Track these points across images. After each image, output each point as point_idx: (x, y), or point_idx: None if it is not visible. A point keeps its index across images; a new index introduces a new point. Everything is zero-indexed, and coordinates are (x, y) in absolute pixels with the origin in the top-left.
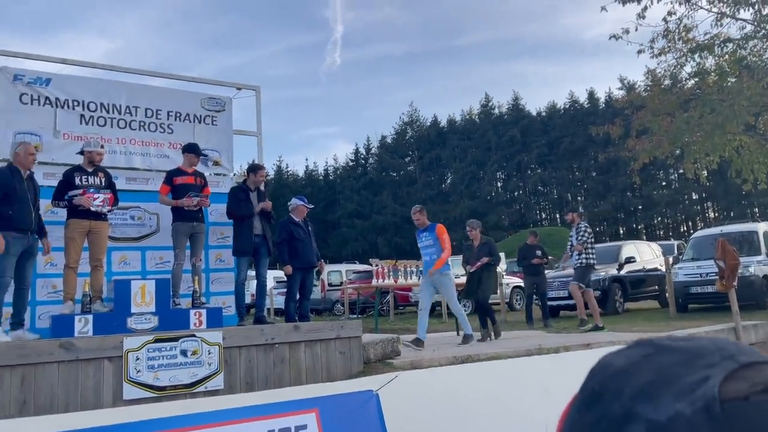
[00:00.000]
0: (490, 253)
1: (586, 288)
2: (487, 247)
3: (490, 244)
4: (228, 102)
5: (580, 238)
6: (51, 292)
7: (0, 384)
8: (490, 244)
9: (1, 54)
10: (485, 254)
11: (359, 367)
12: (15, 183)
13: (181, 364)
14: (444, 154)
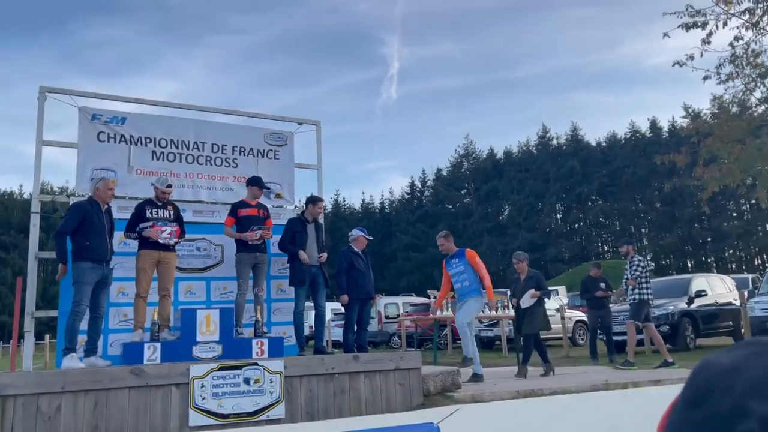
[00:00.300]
0: (538, 286)
1: (645, 323)
2: (534, 281)
3: (537, 277)
4: (290, 137)
5: (633, 272)
6: (122, 321)
7: (74, 408)
8: (537, 277)
9: (81, 95)
10: (532, 287)
11: (419, 399)
12: (93, 216)
13: (244, 392)
14: (501, 186)
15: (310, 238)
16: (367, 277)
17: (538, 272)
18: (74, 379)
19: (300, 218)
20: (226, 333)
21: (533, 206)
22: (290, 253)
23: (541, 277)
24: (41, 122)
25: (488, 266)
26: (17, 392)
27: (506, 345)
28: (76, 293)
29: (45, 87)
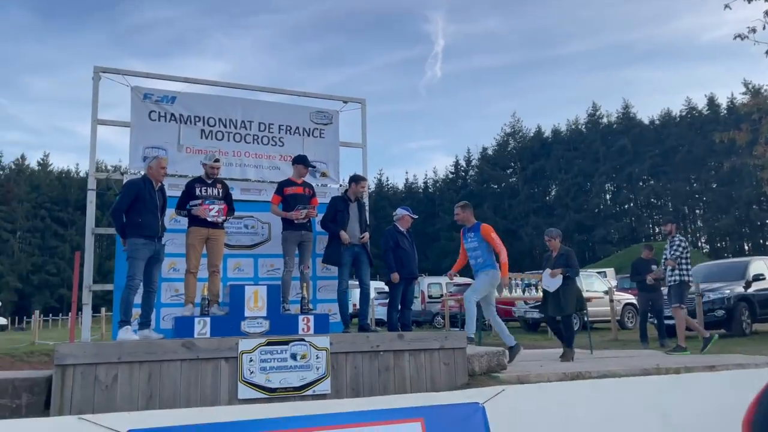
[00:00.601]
0: (567, 264)
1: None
2: (564, 258)
3: (568, 255)
4: (335, 115)
5: (673, 252)
6: (174, 296)
7: (130, 378)
8: (568, 255)
9: (133, 75)
10: (562, 265)
11: (464, 379)
12: (146, 193)
13: (291, 367)
14: (548, 166)
15: (352, 217)
16: (412, 256)
17: (570, 250)
18: (129, 351)
19: (343, 197)
20: (273, 309)
21: (581, 186)
22: (331, 231)
23: (572, 255)
24: (96, 102)
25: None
26: (76, 362)
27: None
28: (130, 268)
29: (99, 67)
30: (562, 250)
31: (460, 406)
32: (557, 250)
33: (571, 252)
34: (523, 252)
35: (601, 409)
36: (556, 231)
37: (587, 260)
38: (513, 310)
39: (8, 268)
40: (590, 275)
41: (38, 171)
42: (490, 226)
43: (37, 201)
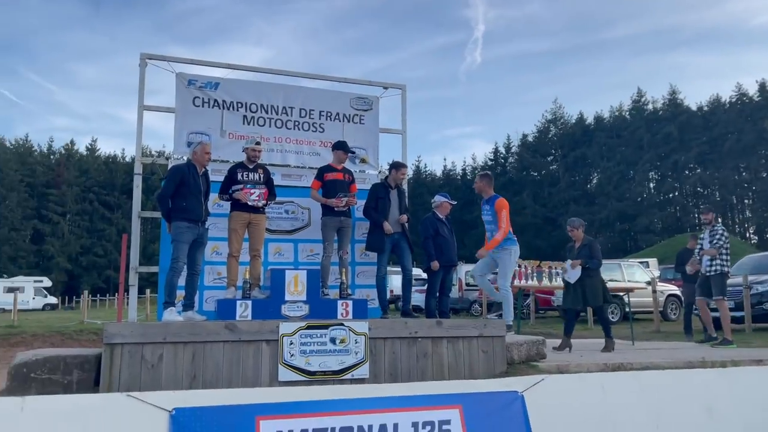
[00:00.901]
0: (590, 255)
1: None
2: (587, 249)
3: (591, 246)
4: (375, 101)
5: (716, 242)
6: (216, 278)
7: (174, 358)
8: (591, 246)
9: (178, 61)
10: (585, 256)
11: (502, 367)
12: (190, 178)
13: (330, 351)
14: (590, 153)
15: (393, 204)
16: (451, 243)
17: (594, 240)
18: (174, 331)
19: (383, 184)
20: (312, 293)
21: (624, 174)
22: (374, 220)
23: (595, 246)
24: (142, 88)
25: None
26: (124, 341)
27: (592, 316)
28: (174, 251)
29: (146, 54)
30: (586, 240)
31: (498, 394)
32: (580, 240)
33: (594, 243)
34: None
35: (643, 402)
36: (579, 221)
37: (629, 250)
38: (552, 299)
39: (59, 249)
40: (632, 265)
41: (86, 156)
42: (506, 200)
43: (85, 185)
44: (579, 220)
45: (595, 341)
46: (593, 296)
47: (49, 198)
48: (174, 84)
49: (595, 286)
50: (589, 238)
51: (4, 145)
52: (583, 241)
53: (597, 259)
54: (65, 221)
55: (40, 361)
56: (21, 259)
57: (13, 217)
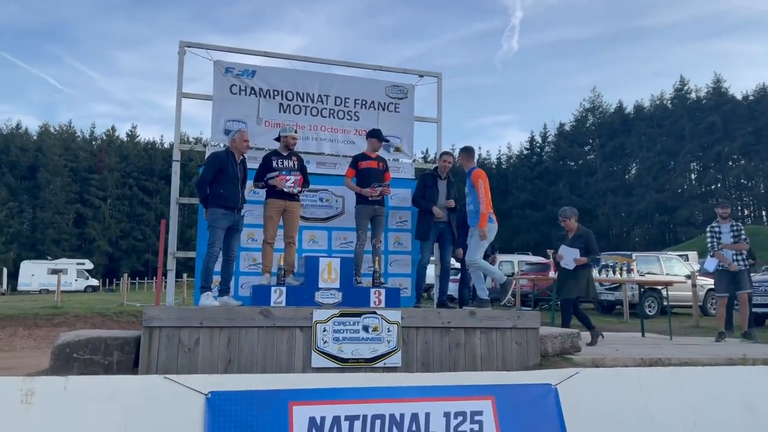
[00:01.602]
0: (586, 246)
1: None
2: (583, 241)
3: (587, 237)
4: (410, 89)
5: (744, 237)
6: (251, 265)
7: (210, 342)
8: (587, 237)
9: (216, 49)
10: (580, 247)
11: (536, 359)
12: (228, 165)
13: (362, 339)
14: (629, 143)
15: (441, 193)
16: None
17: (589, 231)
18: (211, 316)
19: (432, 173)
20: (346, 281)
21: (665, 165)
22: (423, 208)
23: (592, 237)
24: (181, 75)
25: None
26: (162, 324)
27: (628, 310)
28: (210, 236)
29: (185, 42)
30: (580, 230)
31: (532, 387)
32: (574, 230)
33: (590, 234)
34: (600, 232)
35: (681, 398)
36: (571, 210)
37: (668, 242)
38: None
39: (100, 233)
40: (671, 258)
41: (127, 142)
42: (483, 171)
43: (125, 170)
44: (571, 209)
45: (631, 335)
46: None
47: (91, 183)
48: (212, 72)
49: (585, 278)
50: (583, 228)
51: (48, 131)
52: (577, 231)
53: (596, 254)
54: (106, 205)
55: (82, 342)
56: (64, 241)
57: (57, 201)
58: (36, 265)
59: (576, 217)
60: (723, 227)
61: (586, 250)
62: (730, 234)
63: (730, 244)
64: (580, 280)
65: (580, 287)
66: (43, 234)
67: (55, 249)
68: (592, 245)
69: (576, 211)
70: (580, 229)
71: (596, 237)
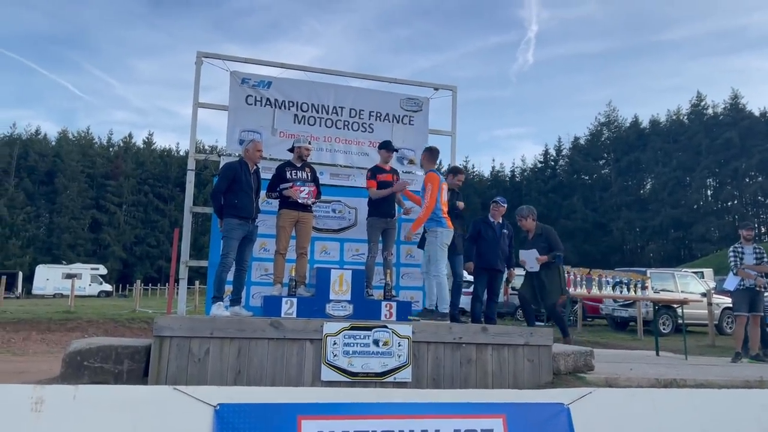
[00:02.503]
0: (549, 247)
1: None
2: (543, 239)
3: (548, 235)
4: (425, 102)
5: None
6: (263, 274)
7: (220, 353)
8: (548, 235)
9: (232, 60)
10: (541, 245)
11: (548, 377)
12: (242, 175)
13: (373, 353)
14: (644, 158)
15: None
16: (495, 248)
17: (549, 228)
18: (221, 327)
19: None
20: (357, 293)
21: (680, 180)
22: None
23: (552, 233)
24: (197, 85)
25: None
26: (173, 334)
27: (642, 327)
28: (224, 246)
29: (202, 52)
30: (539, 229)
31: (543, 406)
32: (532, 230)
33: (551, 231)
34: (614, 247)
35: (696, 421)
36: (528, 209)
37: (683, 259)
38: (600, 308)
39: (114, 238)
40: (686, 275)
41: (143, 149)
42: (436, 176)
43: (141, 177)
44: (528, 208)
45: (645, 353)
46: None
47: (107, 189)
48: (228, 82)
49: (554, 281)
50: (542, 225)
51: (67, 137)
52: (536, 231)
53: (560, 251)
54: (121, 211)
55: (93, 350)
56: (79, 246)
57: (74, 206)
58: (51, 269)
59: (534, 216)
60: (746, 249)
61: (549, 248)
62: (753, 256)
63: (752, 266)
64: (552, 281)
65: (555, 288)
66: (59, 239)
67: (70, 254)
68: (553, 241)
69: (533, 210)
70: (538, 228)
71: (610, 252)
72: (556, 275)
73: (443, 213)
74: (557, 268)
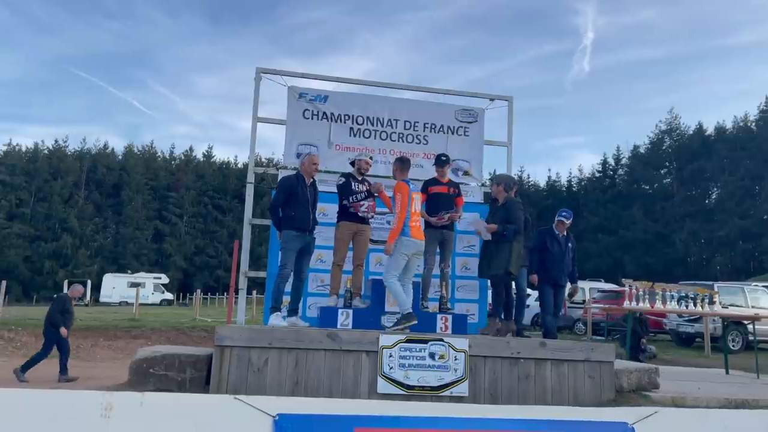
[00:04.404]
0: (506, 218)
1: None
2: (503, 210)
3: (508, 206)
4: (481, 113)
5: None
6: (320, 285)
7: (279, 363)
8: (508, 206)
9: (290, 75)
10: (500, 218)
11: (610, 395)
12: (299, 188)
13: (429, 366)
14: (709, 166)
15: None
16: (560, 261)
17: (513, 202)
18: (280, 337)
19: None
20: (412, 306)
21: (749, 190)
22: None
23: (513, 208)
24: (257, 100)
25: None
26: (233, 344)
27: (709, 344)
28: (282, 258)
29: (260, 68)
30: (505, 199)
31: (606, 425)
32: (501, 201)
33: (513, 204)
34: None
35: None
36: (504, 177)
37: (752, 272)
38: (663, 322)
39: (176, 248)
40: (756, 289)
41: (203, 162)
42: (405, 186)
43: (201, 189)
44: (505, 176)
45: (714, 371)
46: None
47: (169, 200)
48: (284, 95)
49: (503, 252)
50: (510, 198)
51: (132, 151)
52: (502, 201)
53: (514, 225)
54: (182, 222)
55: (158, 359)
56: (143, 256)
57: (138, 218)
58: (117, 278)
59: (505, 186)
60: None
61: (507, 220)
62: None
63: None
64: (500, 253)
65: (502, 261)
66: (125, 248)
67: (135, 263)
68: (510, 215)
69: (509, 179)
70: (505, 199)
71: (673, 264)
72: (506, 249)
73: (411, 222)
74: (509, 242)
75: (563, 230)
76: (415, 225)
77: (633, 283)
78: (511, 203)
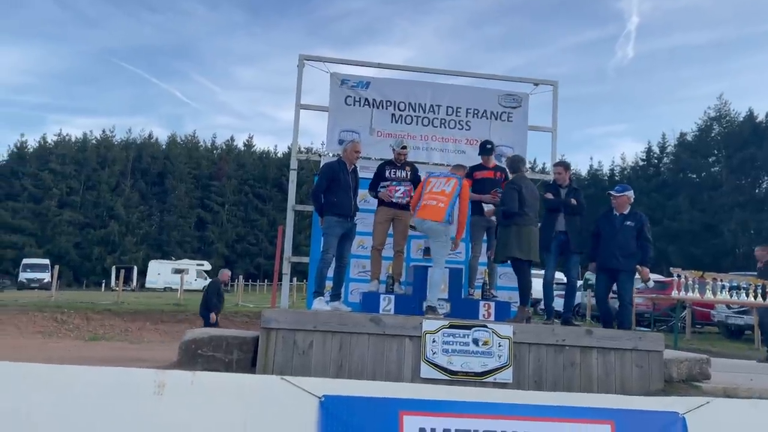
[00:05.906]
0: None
1: None
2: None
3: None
4: (525, 98)
5: None
6: (361, 271)
7: (323, 346)
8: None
9: (332, 61)
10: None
11: (659, 384)
12: (341, 175)
13: (472, 352)
14: (760, 154)
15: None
16: (611, 245)
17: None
18: (324, 320)
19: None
20: (454, 292)
21: None
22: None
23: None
24: (299, 87)
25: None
26: (279, 326)
27: (760, 336)
28: (324, 243)
29: (303, 55)
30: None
31: (656, 414)
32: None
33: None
34: (725, 250)
35: None
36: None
37: None
38: (712, 314)
39: (218, 236)
40: None
41: (244, 151)
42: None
43: (242, 178)
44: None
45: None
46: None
47: (211, 189)
48: (327, 84)
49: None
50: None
51: (175, 140)
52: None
53: (507, 206)
54: (224, 211)
55: (206, 340)
56: (186, 243)
57: (182, 206)
58: (162, 264)
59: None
60: None
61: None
62: None
63: None
64: (502, 236)
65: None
66: (169, 236)
67: (178, 250)
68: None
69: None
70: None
71: (721, 255)
72: (505, 233)
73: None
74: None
75: (621, 208)
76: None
77: (682, 272)
78: (510, 183)
